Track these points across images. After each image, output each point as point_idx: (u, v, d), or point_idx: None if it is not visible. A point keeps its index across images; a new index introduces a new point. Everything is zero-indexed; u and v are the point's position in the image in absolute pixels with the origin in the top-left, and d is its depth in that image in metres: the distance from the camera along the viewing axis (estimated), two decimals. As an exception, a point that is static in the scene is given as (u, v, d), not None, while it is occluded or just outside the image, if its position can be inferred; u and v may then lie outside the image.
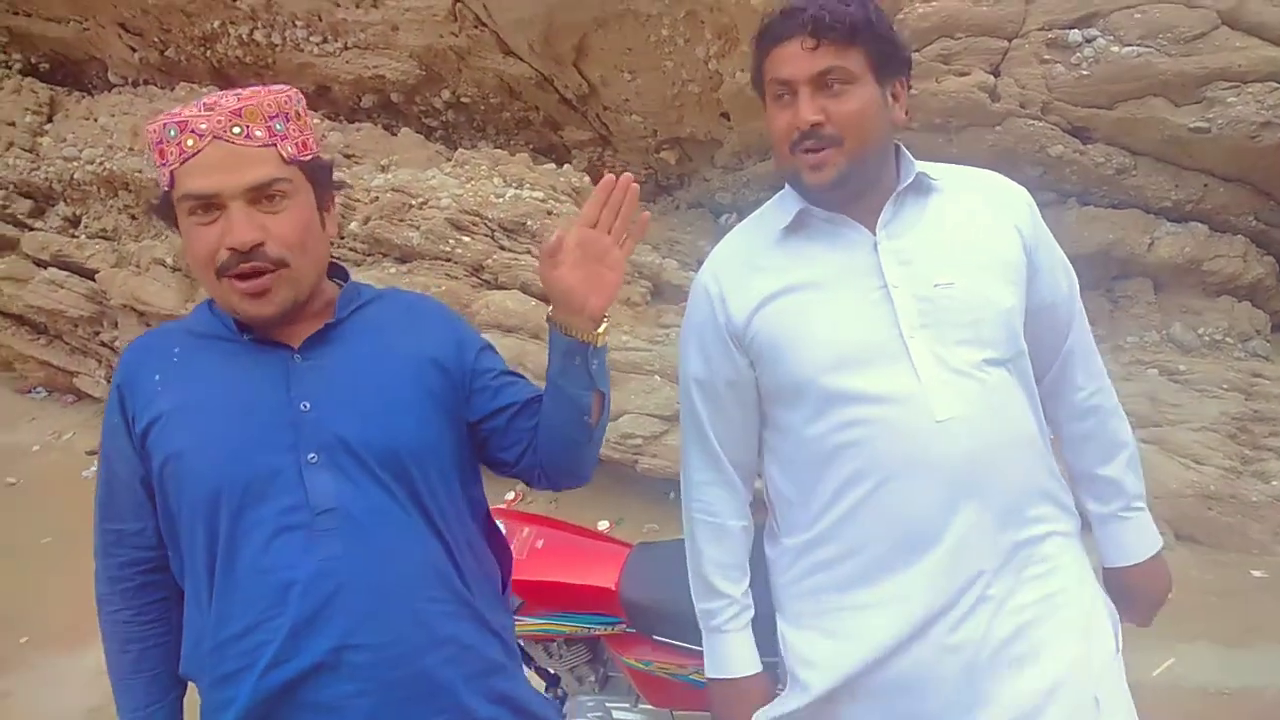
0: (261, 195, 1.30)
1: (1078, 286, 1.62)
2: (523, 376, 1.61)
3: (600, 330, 1.40)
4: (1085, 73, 4.38)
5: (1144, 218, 4.71)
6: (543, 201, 4.94)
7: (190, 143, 1.28)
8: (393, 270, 4.94)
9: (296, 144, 1.35)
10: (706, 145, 5.87)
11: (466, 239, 4.82)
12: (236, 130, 1.29)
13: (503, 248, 4.83)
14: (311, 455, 1.33)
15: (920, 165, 1.50)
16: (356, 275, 1.54)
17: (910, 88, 1.53)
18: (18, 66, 7.24)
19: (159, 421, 1.35)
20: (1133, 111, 4.40)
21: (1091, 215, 4.74)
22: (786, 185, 1.54)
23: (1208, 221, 4.71)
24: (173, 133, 1.29)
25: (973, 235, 1.48)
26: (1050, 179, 4.75)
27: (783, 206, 1.54)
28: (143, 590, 1.44)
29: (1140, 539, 1.63)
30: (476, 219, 4.85)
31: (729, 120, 5.52)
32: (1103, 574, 1.63)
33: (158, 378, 1.38)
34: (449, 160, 5.54)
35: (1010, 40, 4.51)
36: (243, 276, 1.30)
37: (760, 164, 5.50)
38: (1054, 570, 1.49)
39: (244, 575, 1.33)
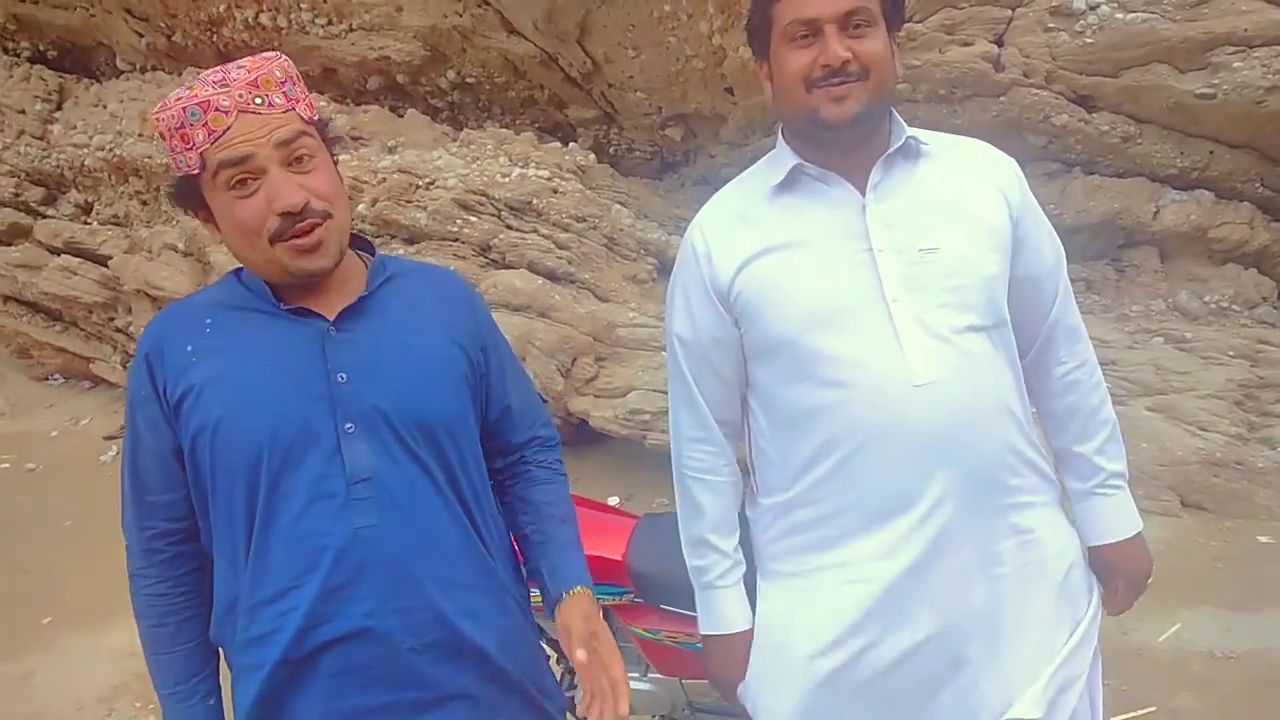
0: (292, 156, 1.33)
1: (1065, 261, 1.61)
2: (531, 402, 1.68)
3: None
4: (1089, 40, 4.36)
5: (1149, 186, 4.70)
6: (548, 180, 4.95)
7: (218, 121, 1.30)
8: (400, 252, 4.96)
9: (307, 105, 1.39)
10: (711, 121, 5.86)
11: (473, 219, 4.84)
12: (259, 101, 1.32)
13: (509, 227, 4.84)
14: (349, 425, 1.36)
15: (910, 130, 1.50)
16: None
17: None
18: (26, 54, 7.26)
19: (194, 391, 1.36)
20: (1137, 79, 4.37)
21: (1097, 184, 4.72)
22: (780, 142, 1.54)
23: (1214, 189, 4.69)
24: (195, 115, 1.30)
25: (959, 201, 1.48)
26: (1055, 148, 4.74)
27: (776, 163, 1.53)
28: (176, 561, 1.45)
29: (1118, 517, 1.61)
30: (483, 199, 4.87)
31: (733, 96, 5.51)
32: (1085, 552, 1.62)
33: (190, 348, 1.39)
34: (455, 140, 5.55)
35: (1014, 9, 4.49)
36: (296, 236, 1.33)
37: (765, 139, 5.49)
38: (1032, 542, 1.50)
39: (280, 538, 1.35)
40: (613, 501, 4.36)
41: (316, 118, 1.40)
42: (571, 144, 5.77)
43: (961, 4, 4.48)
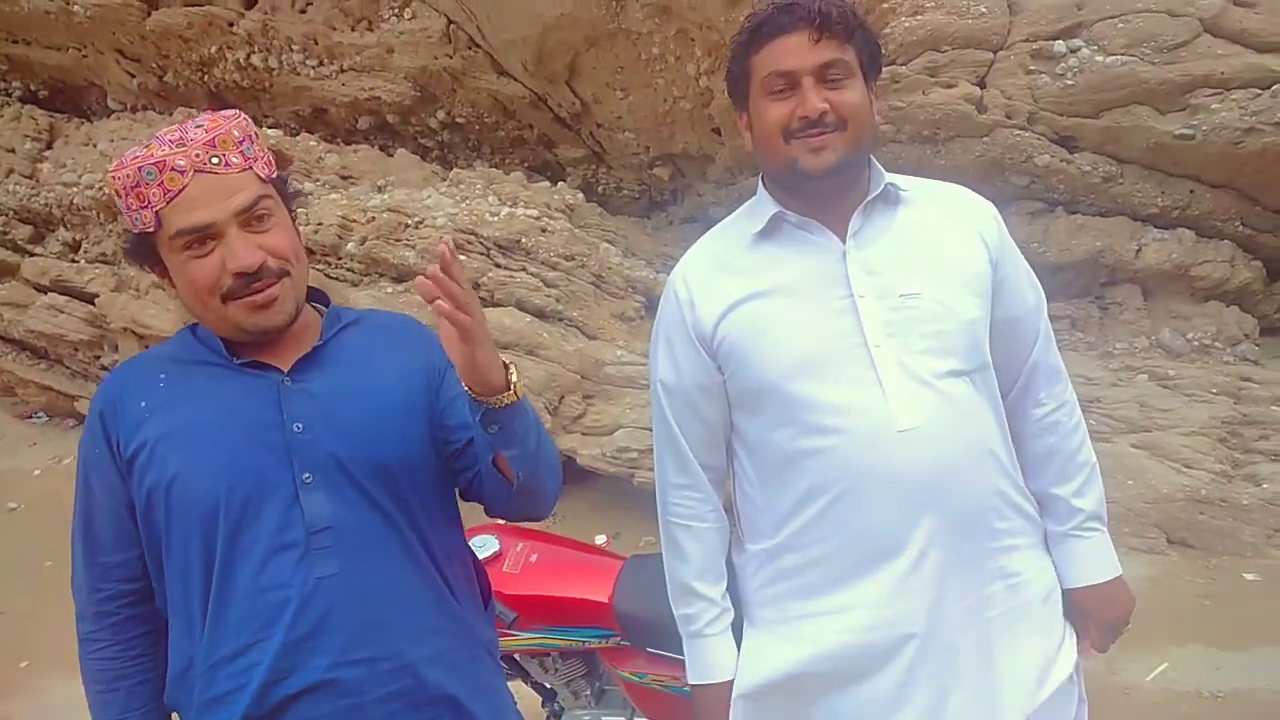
0: (251, 217, 1.33)
1: (1045, 303, 1.62)
2: None
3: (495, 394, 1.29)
4: (1070, 83, 4.43)
5: (1131, 225, 4.75)
6: (536, 219, 4.98)
7: (174, 181, 1.30)
8: (389, 290, 4.97)
9: (265, 163, 1.38)
10: (699, 161, 5.92)
11: (462, 257, 4.85)
12: (215, 160, 1.32)
13: (498, 265, 4.86)
14: (306, 475, 1.35)
15: (889, 176, 1.52)
16: (354, 295, 1.58)
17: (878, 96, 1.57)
18: (17, 94, 7.30)
19: (148, 446, 1.35)
20: (1118, 120, 4.44)
21: (1079, 223, 4.77)
22: (760, 190, 1.55)
23: (1195, 227, 4.75)
24: (151, 174, 1.30)
25: (939, 247, 1.50)
26: (1038, 188, 4.80)
27: (757, 211, 1.55)
28: (129, 624, 1.42)
29: (1096, 560, 1.60)
30: (472, 237, 4.88)
31: (720, 136, 5.57)
32: (1061, 595, 1.61)
33: (144, 404, 1.37)
34: (444, 180, 5.58)
35: (996, 52, 4.56)
36: (251, 294, 1.33)
37: (751, 178, 5.53)
38: (1019, 585, 1.51)
39: (240, 595, 1.33)
40: (600, 540, 4.34)
41: (275, 175, 1.40)
42: (560, 183, 5.81)
43: (944, 47, 4.55)
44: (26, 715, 3.61)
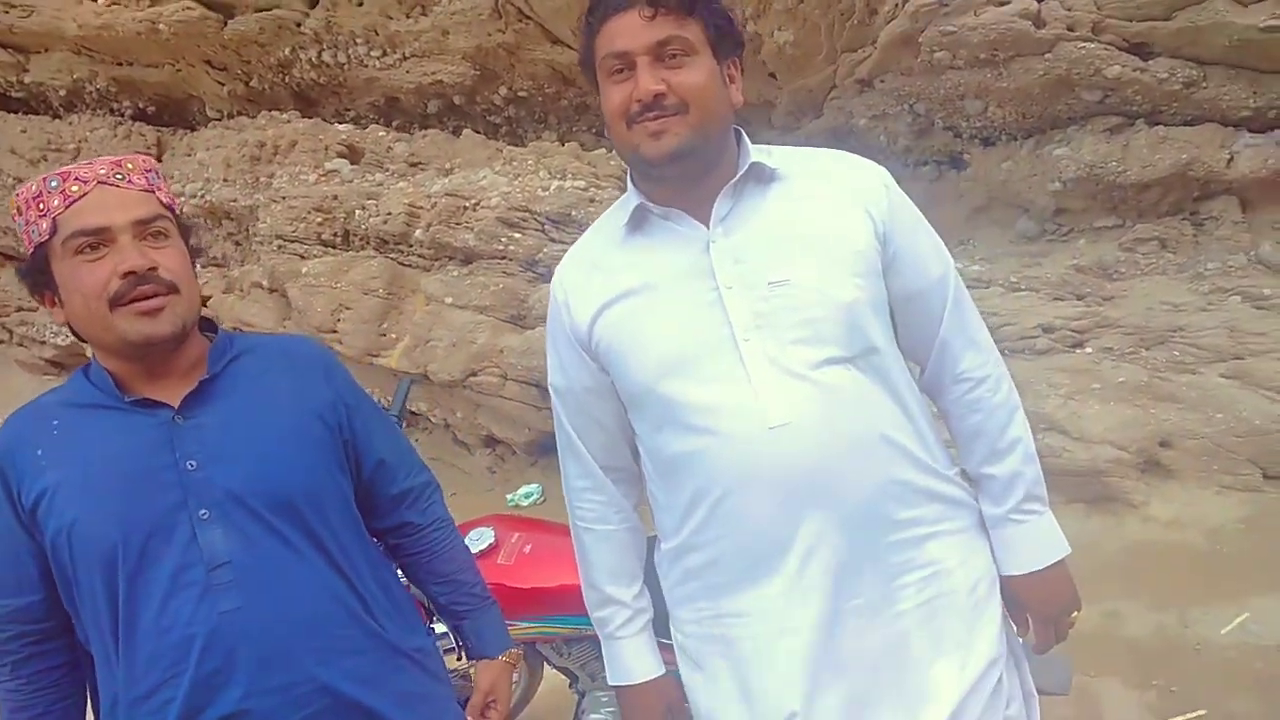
0: (147, 231, 1.38)
1: (952, 270, 1.51)
2: (403, 453, 1.70)
3: None
4: (1137, -16, 4.06)
5: (1221, 131, 4.32)
6: (584, 190, 4.97)
7: (75, 189, 1.36)
8: (456, 273, 5.08)
9: (166, 194, 1.44)
10: (760, 108, 5.73)
11: (517, 235, 4.91)
12: (119, 176, 1.38)
13: (553, 240, 4.89)
14: (203, 512, 1.37)
15: (762, 153, 1.44)
16: (425, 281, 1.60)
17: (743, 71, 1.47)
18: (129, 112, 7.78)
19: (47, 495, 1.37)
20: (1193, 19, 4.03)
21: (1162, 135, 4.38)
22: (629, 181, 1.49)
23: (1294, 127, 4.29)
24: (54, 184, 1.36)
25: (814, 226, 1.41)
26: (1113, 102, 4.42)
27: (625, 203, 1.50)
28: (31, 660, 1.44)
29: (1032, 545, 1.50)
30: (525, 214, 4.93)
31: (777, 80, 5.38)
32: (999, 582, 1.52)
33: (40, 452, 1.39)
34: (501, 158, 5.63)
35: (1051, -40, 4.22)
36: (137, 300, 1.36)
37: (815, 121, 5.33)
38: (936, 575, 1.43)
39: (145, 635, 1.37)
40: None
41: (174, 207, 1.46)
42: (612, 149, 5.77)
43: (994, -38, 4.25)
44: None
